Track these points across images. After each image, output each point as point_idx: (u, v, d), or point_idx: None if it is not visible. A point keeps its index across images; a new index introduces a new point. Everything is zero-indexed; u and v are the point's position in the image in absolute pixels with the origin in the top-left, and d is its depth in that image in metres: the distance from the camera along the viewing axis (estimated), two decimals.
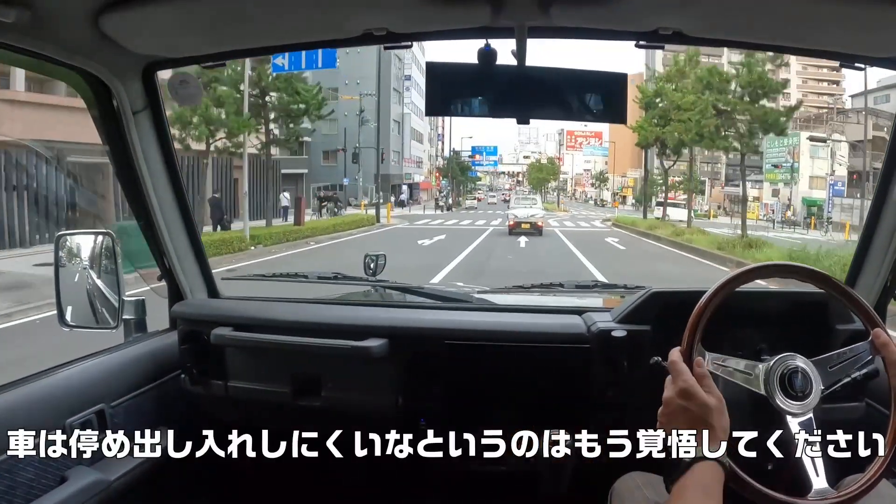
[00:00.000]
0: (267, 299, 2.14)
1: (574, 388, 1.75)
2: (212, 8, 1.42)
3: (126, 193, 1.93)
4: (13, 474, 1.41)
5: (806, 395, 1.29)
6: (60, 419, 1.56)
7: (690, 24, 1.49)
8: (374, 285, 2.45)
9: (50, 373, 1.66)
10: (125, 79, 1.74)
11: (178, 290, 2.10)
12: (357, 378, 1.87)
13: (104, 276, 1.98)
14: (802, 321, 1.70)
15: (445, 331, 1.86)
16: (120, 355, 1.90)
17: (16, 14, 1.23)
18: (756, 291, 1.77)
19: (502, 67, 1.53)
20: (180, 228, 2.02)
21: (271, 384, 1.93)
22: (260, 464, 2.29)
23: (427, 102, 1.57)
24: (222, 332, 1.92)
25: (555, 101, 1.59)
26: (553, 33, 1.58)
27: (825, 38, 1.54)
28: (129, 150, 1.83)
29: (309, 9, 1.46)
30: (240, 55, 1.74)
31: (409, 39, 1.58)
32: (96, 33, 1.45)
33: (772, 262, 1.39)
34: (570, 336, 1.80)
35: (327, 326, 1.90)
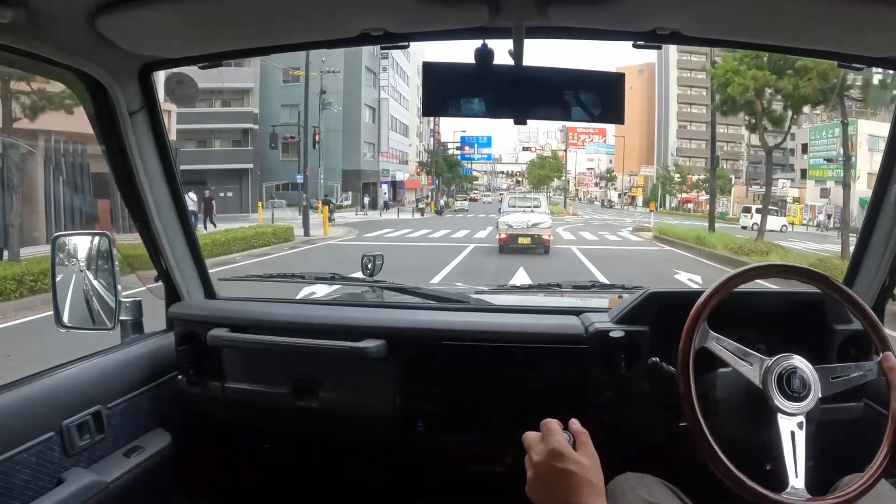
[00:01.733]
0: (264, 300, 2.14)
1: (571, 388, 1.75)
2: (208, 8, 1.42)
3: (122, 194, 1.93)
4: (9, 476, 1.41)
5: (802, 397, 1.30)
6: (57, 421, 1.56)
7: (688, 25, 1.49)
8: (371, 286, 2.45)
9: (46, 374, 1.66)
10: (122, 79, 1.74)
11: (174, 291, 2.10)
12: (355, 379, 1.87)
13: (101, 276, 1.98)
14: (801, 321, 1.70)
15: (443, 331, 1.86)
16: (117, 356, 1.90)
17: (12, 14, 1.23)
18: (754, 292, 1.78)
19: (500, 67, 1.53)
20: (177, 229, 2.02)
21: (269, 385, 1.93)
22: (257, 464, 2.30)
23: (424, 103, 1.57)
24: (219, 333, 1.92)
25: (553, 101, 1.59)
26: (550, 33, 1.58)
27: (823, 39, 1.54)
28: (126, 150, 1.83)
29: (305, 9, 1.46)
30: (236, 55, 1.73)
31: (407, 40, 1.57)
32: (93, 34, 1.45)
33: (770, 262, 1.40)
34: (567, 336, 1.79)
35: (325, 327, 1.89)
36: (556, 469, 1.01)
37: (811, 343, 1.56)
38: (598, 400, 1.74)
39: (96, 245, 2.00)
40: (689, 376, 1.33)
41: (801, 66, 14.40)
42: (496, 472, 2.04)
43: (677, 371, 1.35)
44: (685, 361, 1.34)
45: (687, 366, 1.33)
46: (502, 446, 1.93)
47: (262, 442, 2.23)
